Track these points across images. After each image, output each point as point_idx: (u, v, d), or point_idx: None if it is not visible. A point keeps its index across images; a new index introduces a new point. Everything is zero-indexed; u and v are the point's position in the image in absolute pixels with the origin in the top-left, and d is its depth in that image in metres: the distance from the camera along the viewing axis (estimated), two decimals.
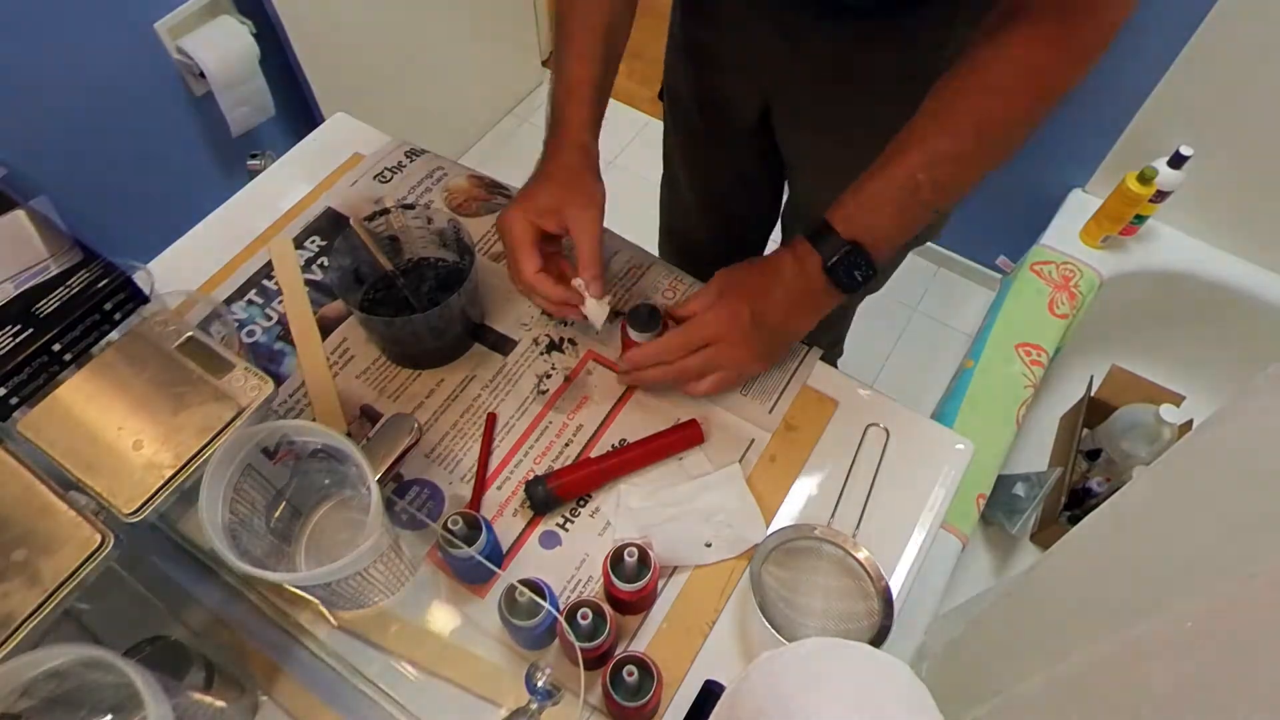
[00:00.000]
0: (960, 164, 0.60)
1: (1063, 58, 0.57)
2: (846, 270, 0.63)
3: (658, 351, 0.67)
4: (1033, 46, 0.57)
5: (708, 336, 0.65)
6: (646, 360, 0.68)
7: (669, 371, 0.67)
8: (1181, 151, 1.38)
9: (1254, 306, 1.52)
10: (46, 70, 1.19)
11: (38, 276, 0.55)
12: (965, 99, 0.59)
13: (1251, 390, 0.52)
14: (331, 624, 0.61)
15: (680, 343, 0.66)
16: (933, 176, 0.60)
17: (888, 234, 0.62)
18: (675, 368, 0.67)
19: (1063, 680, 0.63)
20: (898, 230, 0.63)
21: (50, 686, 0.45)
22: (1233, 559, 0.48)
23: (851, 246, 0.62)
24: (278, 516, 0.60)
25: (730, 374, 0.68)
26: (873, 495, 0.67)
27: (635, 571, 0.58)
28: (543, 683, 0.50)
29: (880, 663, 0.39)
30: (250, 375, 0.55)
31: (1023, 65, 0.57)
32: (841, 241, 0.62)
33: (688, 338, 0.66)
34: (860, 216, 0.62)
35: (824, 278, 0.64)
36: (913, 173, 0.60)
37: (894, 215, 0.62)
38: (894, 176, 0.60)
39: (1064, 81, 0.58)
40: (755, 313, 0.65)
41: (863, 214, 0.62)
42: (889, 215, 0.62)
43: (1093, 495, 1.49)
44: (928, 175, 0.59)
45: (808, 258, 0.64)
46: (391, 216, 0.73)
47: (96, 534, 0.47)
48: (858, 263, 0.62)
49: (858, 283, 0.63)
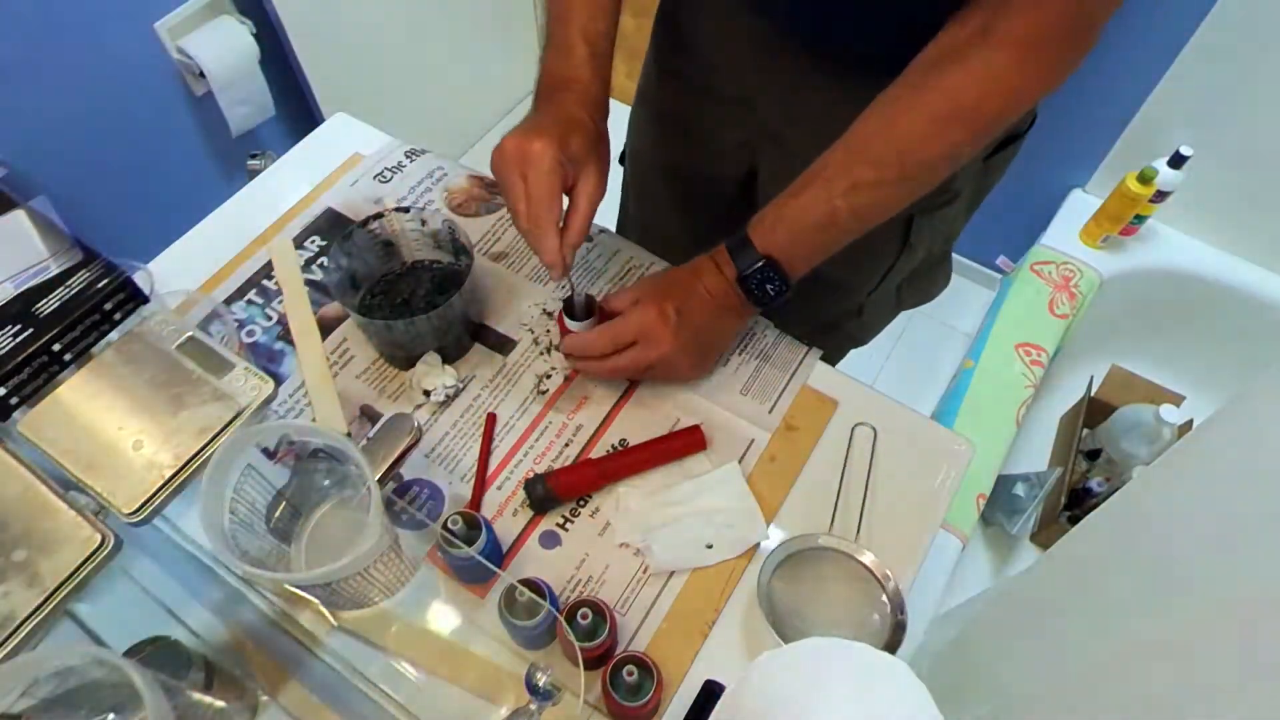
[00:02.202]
0: (880, 192, 0.60)
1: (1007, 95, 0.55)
2: (759, 284, 0.63)
3: (585, 345, 0.67)
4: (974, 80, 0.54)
5: (633, 333, 0.66)
6: (579, 350, 0.68)
7: (599, 368, 0.68)
8: (1181, 151, 1.38)
9: (1254, 306, 1.52)
10: (46, 70, 1.20)
11: (38, 276, 0.55)
12: (895, 127, 0.58)
13: (1251, 390, 0.52)
14: (331, 624, 0.61)
15: (606, 339, 0.66)
16: (851, 204, 0.60)
17: (803, 253, 0.63)
18: (607, 365, 0.67)
19: (1063, 680, 0.63)
20: (813, 251, 0.63)
21: (50, 686, 0.45)
22: (1233, 559, 0.48)
23: (766, 261, 0.62)
24: (278, 516, 0.60)
25: (660, 371, 0.69)
26: (873, 496, 0.67)
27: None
28: (543, 683, 0.50)
29: (880, 662, 0.39)
30: (250, 375, 0.55)
31: (959, 100, 0.55)
32: (758, 255, 0.63)
33: (614, 335, 0.66)
34: (778, 234, 0.62)
35: (738, 289, 0.64)
36: (832, 198, 0.60)
37: (811, 237, 0.62)
38: (815, 200, 0.60)
39: (1002, 119, 0.56)
40: (679, 310, 0.65)
41: (780, 232, 0.62)
42: (806, 237, 0.62)
43: (1093, 495, 1.49)
44: (846, 202, 0.59)
45: (725, 267, 0.65)
46: (386, 220, 0.73)
47: (96, 534, 0.48)
48: (770, 278, 0.63)
49: (770, 297, 0.64)
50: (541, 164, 0.58)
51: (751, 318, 0.68)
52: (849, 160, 0.60)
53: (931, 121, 0.56)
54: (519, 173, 0.59)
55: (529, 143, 0.59)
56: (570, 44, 0.65)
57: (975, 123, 0.56)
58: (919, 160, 0.58)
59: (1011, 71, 0.54)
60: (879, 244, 0.81)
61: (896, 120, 0.58)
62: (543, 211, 0.59)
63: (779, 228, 0.62)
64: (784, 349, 0.76)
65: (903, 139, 0.57)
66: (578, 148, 0.62)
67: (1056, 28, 0.52)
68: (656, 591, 0.63)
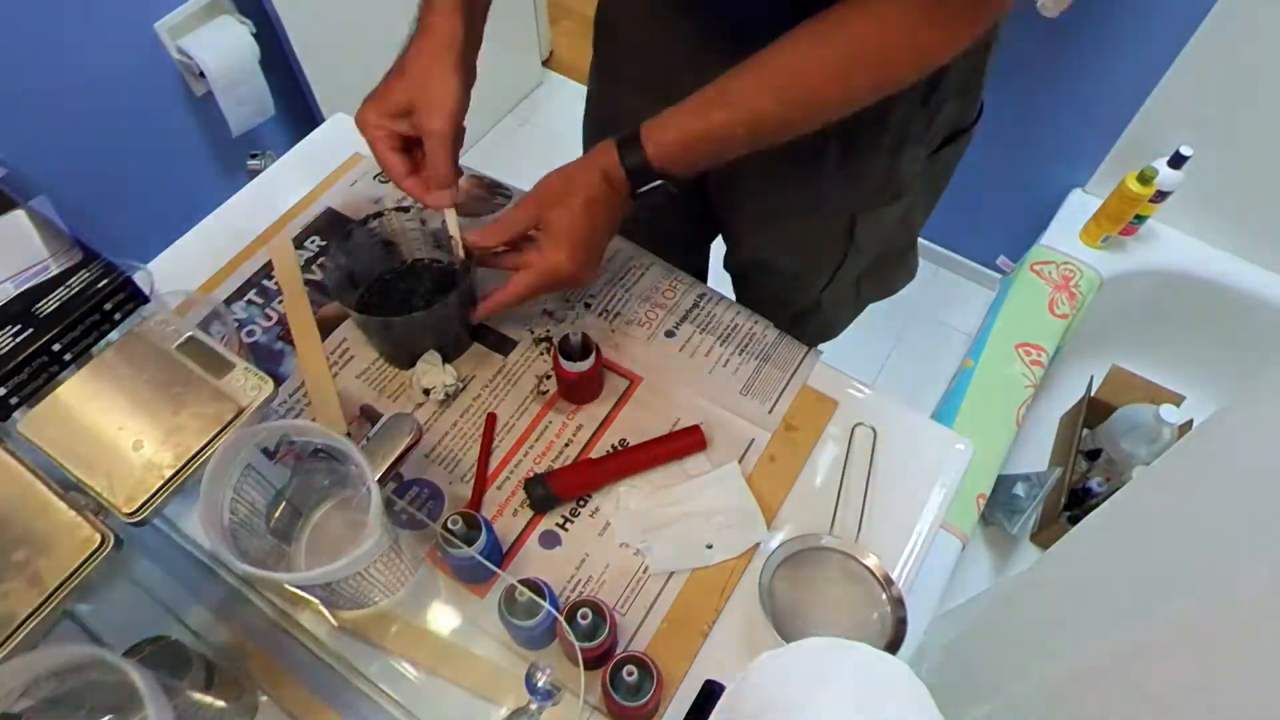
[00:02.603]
0: (782, 127, 0.61)
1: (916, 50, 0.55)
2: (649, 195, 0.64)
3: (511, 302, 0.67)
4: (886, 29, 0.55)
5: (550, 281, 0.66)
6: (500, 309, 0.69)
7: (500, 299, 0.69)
8: (1181, 151, 1.38)
9: (1254, 306, 1.52)
10: (46, 70, 1.19)
11: (38, 276, 0.55)
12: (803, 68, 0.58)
13: (1251, 390, 0.52)
14: (331, 624, 0.61)
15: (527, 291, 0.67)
16: (751, 132, 0.61)
17: (692, 167, 0.63)
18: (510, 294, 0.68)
19: (1063, 680, 0.63)
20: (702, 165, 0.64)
21: (50, 686, 0.45)
22: (1233, 559, 0.48)
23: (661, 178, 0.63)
24: (278, 516, 0.60)
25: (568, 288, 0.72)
26: (873, 495, 0.67)
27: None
28: (543, 683, 0.50)
29: (880, 662, 0.39)
30: (250, 375, 0.55)
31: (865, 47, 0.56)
32: (653, 171, 0.63)
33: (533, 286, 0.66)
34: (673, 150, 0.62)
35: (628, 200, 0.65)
36: (734, 125, 0.60)
37: (704, 156, 0.63)
38: (718, 123, 0.61)
39: (909, 74, 0.57)
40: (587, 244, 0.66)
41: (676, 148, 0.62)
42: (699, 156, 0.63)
43: (1093, 495, 1.49)
44: (746, 130, 0.60)
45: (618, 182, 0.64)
46: (386, 219, 0.73)
47: (96, 534, 0.47)
48: (659, 190, 0.64)
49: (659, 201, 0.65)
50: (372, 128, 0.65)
51: None
52: (756, 87, 0.60)
53: (839, 65, 0.57)
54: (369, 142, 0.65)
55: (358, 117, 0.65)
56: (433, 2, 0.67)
57: (879, 71, 0.57)
58: (821, 102, 0.59)
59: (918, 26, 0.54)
60: (825, 243, 0.82)
61: (808, 59, 0.58)
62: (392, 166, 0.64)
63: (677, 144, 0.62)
64: (784, 349, 0.76)
65: (811, 79, 0.58)
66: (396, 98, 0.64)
67: None
68: (656, 591, 0.63)
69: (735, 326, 0.78)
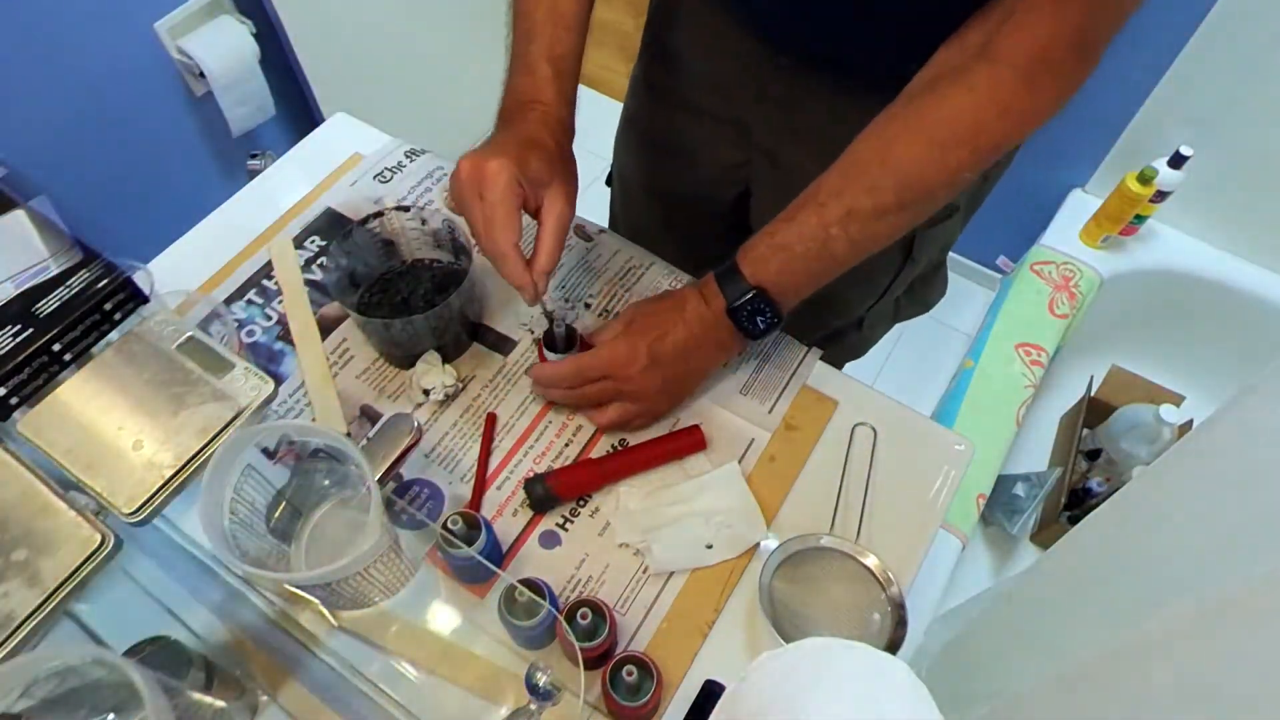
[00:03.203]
0: (878, 222, 0.57)
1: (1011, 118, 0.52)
2: (749, 316, 0.61)
3: (556, 375, 0.66)
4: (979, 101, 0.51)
5: (603, 369, 0.64)
6: (547, 380, 0.67)
7: (570, 396, 0.67)
8: (1181, 151, 1.38)
9: (1254, 306, 1.52)
10: (47, 70, 1.19)
11: (38, 276, 0.55)
12: (893, 151, 0.55)
13: (1251, 390, 0.52)
14: (331, 624, 0.61)
15: (575, 370, 0.65)
16: (847, 233, 0.57)
17: (795, 284, 0.61)
18: (576, 394, 0.67)
19: (1062, 680, 0.63)
20: (806, 281, 0.61)
21: (50, 686, 0.45)
22: (1232, 559, 0.48)
23: (757, 292, 0.60)
24: (278, 516, 0.60)
25: (632, 408, 0.67)
26: (873, 495, 0.67)
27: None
28: (543, 683, 0.50)
29: (880, 662, 0.39)
30: (250, 375, 0.55)
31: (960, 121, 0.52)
32: (747, 286, 0.60)
33: (583, 367, 0.65)
34: (769, 264, 0.60)
35: (727, 320, 0.62)
36: (827, 226, 0.57)
37: (803, 267, 0.60)
38: (807, 227, 0.58)
39: (1005, 143, 0.54)
40: (653, 351, 0.63)
41: (772, 262, 0.60)
42: (799, 266, 0.59)
43: (1093, 495, 1.49)
44: (842, 230, 0.57)
45: (713, 299, 0.62)
46: (387, 218, 0.73)
47: (96, 534, 0.47)
48: (761, 309, 0.61)
49: (760, 329, 0.62)
50: (497, 184, 0.56)
51: (741, 350, 0.66)
52: (844, 186, 0.57)
53: (930, 147, 0.54)
54: (476, 193, 0.57)
55: (485, 162, 0.56)
56: (534, 64, 0.63)
57: (976, 148, 0.54)
58: (918, 188, 0.55)
59: (1014, 93, 0.51)
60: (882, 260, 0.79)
61: (894, 145, 0.55)
62: (498, 232, 0.57)
63: (770, 257, 0.60)
64: (784, 349, 0.76)
65: (901, 166, 0.55)
66: (538, 168, 0.59)
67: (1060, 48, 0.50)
68: (656, 591, 0.63)
69: None
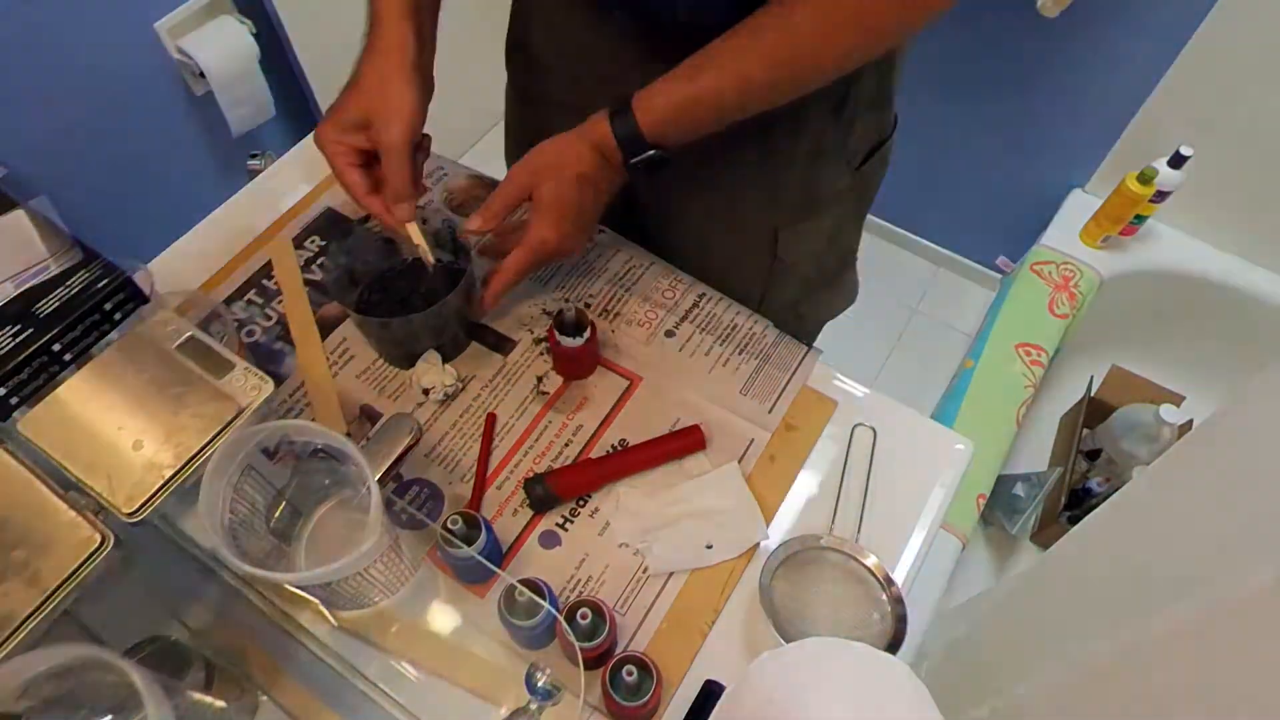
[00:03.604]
0: (770, 91, 0.60)
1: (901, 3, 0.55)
2: (645, 166, 0.63)
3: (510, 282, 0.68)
4: None
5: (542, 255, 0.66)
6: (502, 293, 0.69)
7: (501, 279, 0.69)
8: (1181, 151, 1.38)
9: (1254, 306, 1.52)
10: (46, 70, 1.19)
11: (38, 276, 0.55)
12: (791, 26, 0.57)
13: (1251, 390, 0.52)
14: (331, 624, 0.61)
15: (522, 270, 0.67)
16: (741, 97, 0.60)
17: (684, 138, 0.63)
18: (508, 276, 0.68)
19: (1063, 680, 0.63)
20: (694, 135, 0.63)
21: (50, 686, 0.45)
22: (1232, 559, 0.48)
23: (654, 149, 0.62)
24: (278, 516, 0.60)
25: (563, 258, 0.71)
26: (873, 495, 0.67)
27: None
28: (543, 683, 0.50)
29: (880, 662, 0.39)
30: (250, 375, 0.55)
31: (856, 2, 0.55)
32: (645, 144, 0.62)
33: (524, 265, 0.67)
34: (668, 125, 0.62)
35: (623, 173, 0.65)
36: (723, 90, 0.60)
37: (694, 126, 0.62)
38: (706, 90, 0.60)
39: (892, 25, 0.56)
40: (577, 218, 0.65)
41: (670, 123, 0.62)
42: (689, 126, 0.62)
43: (1093, 495, 1.49)
44: (736, 96, 0.60)
45: (611, 154, 0.63)
46: None
47: (96, 534, 0.47)
48: (654, 161, 0.63)
49: (653, 175, 0.64)
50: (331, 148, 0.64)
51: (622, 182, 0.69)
52: (744, 52, 0.59)
53: (828, 23, 0.56)
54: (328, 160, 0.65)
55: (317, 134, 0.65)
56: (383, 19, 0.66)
57: (869, 29, 0.56)
58: (812, 63, 0.59)
59: None
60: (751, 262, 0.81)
61: (794, 18, 0.57)
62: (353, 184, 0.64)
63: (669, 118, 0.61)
64: (784, 349, 0.76)
65: (799, 40, 0.58)
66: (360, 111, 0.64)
67: None
68: (656, 591, 0.63)
69: (735, 326, 0.78)
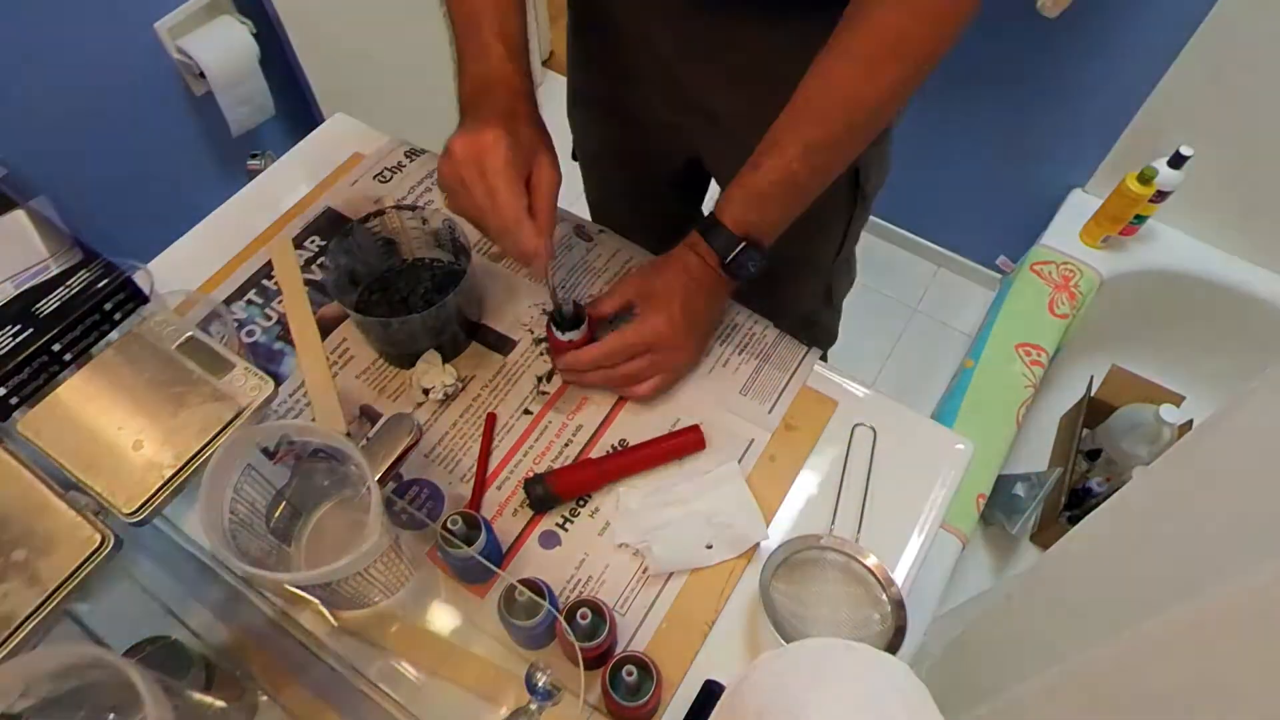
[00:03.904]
0: (833, 149, 0.62)
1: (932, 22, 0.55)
2: (740, 264, 0.66)
3: (599, 357, 0.67)
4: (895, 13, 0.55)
5: (648, 343, 0.67)
6: (586, 364, 0.68)
7: (610, 377, 0.69)
8: (1181, 151, 1.38)
9: (1254, 306, 1.52)
10: (46, 70, 1.19)
11: (38, 276, 0.55)
12: (831, 82, 0.59)
13: (1251, 390, 0.52)
14: (331, 624, 0.61)
15: (620, 349, 0.67)
16: (809, 165, 0.62)
17: (773, 222, 0.66)
18: (618, 373, 0.68)
19: (1063, 680, 0.63)
20: (782, 217, 0.66)
21: (50, 686, 0.45)
22: (1232, 559, 0.48)
23: (744, 242, 0.65)
24: (278, 516, 0.60)
25: (669, 376, 0.71)
26: (873, 495, 0.67)
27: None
28: (543, 683, 0.50)
29: (880, 662, 0.39)
30: (250, 375, 0.55)
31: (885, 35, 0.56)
32: (735, 239, 0.65)
33: (628, 344, 0.67)
34: (747, 213, 0.65)
35: (722, 272, 0.67)
36: (789, 165, 0.62)
37: (777, 206, 0.65)
38: (772, 171, 0.62)
39: (928, 47, 0.57)
40: (687, 313, 0.68)
41: (750, 211, 0.65)
42: (772, 207, 0.65)
43: (1093, 495, 1.49)
44: (804, 165, 0.62)
45: (707, 255, 0.67)
46: (387, 217, 0.73)
47: (96, 534, 0.48)
48: (751, 255, 0.66)
49: (751, 273, 0.67)
50: (497, 153, 0.55)
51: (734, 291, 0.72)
52: (796, 123, 0.61)
53: (865, 64, 0.57)
54: (475, 169, 0.56)
55: (479, 136, 0.55)
56: (486, 47, 0.63)
57: (906, 57, 0.57)
58: (862, 107, 0.59)
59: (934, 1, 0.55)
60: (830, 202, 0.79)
61: (831, 71, 0.59)
62: (506, 201, 0.55)
63: (747, 207, 0.65)
64: (784, 349, 0.76)
65: (841, 89, 0.59)
66: (527, 134, 0.59)
67: None
68: (656, 591, 0.63)
69: (735, 326, 0.78)
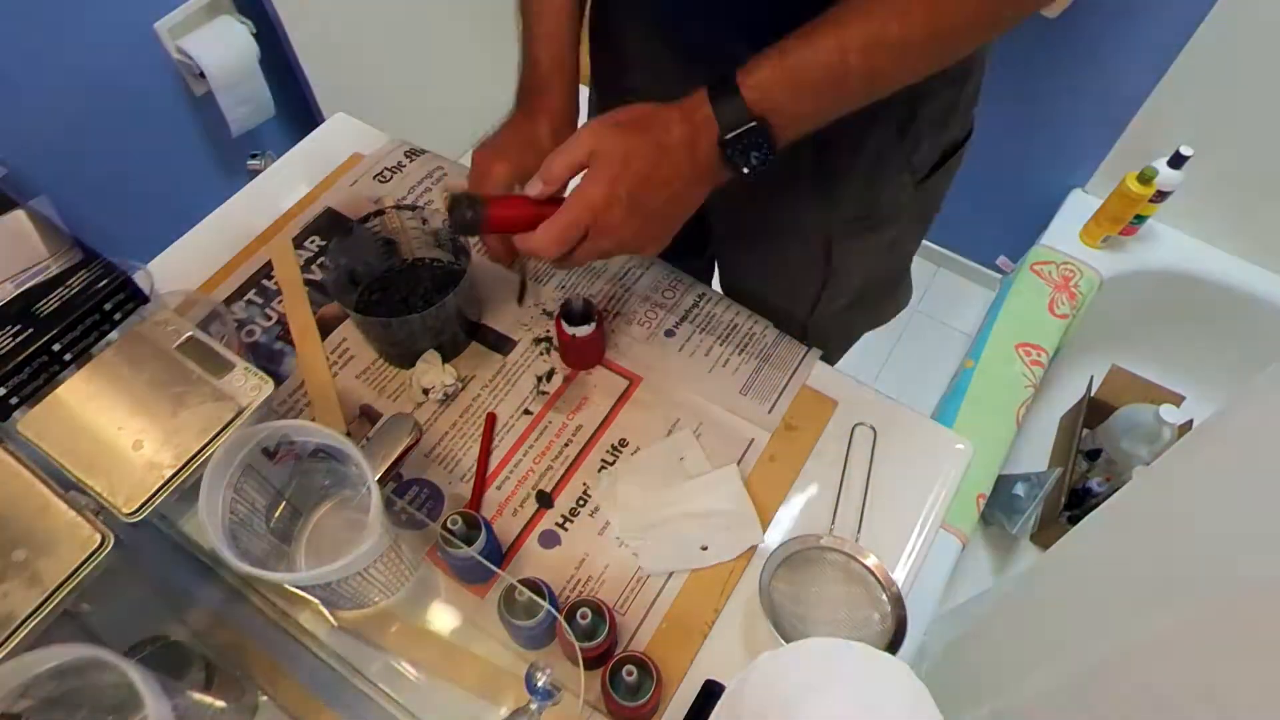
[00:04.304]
0: (903, 55, 0.50)
1: None
2: (743, 150, 0.52)
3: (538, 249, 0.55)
4: None
5: (584, 224, 0.54)
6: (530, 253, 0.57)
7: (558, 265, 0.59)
8: (1181, 151, 1.38)
9: (1254, 306, 1.52)
10: (47, 70, 1.19)
11: (38, 276, 0.55)
12: None
13: (1251, 390, 0.52)
14: (331, 624, 0.61)
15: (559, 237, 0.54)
16: (869, 63, 0.50)
17: (798, 117, 0.52)
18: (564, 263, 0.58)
19: (1063, 680, 0.63)
20: (810, 115, 0.53)
21: (50, 686, 0.45)
22: (1232, 559, 0.48)
23: (757, 123, 0.51)
24: (278, 516, 0.60)
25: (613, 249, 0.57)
26: (873, 495, 0.67)
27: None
28: (543, 682, 0.50)
29: (880, 662, 0.39)
30: (250, 375, 0.55)
31: None
32: (747, 115, 0.51)
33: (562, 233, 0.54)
34: (775, 90, 0.51)
35: (717, 153, 0.53)
36: (846, 52, 0.49)
37: (811, 98, 0.51)
38: (823, 50, 0.50)
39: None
40: (633, 198, 0.53)
41: (778, 88, 0.51)
42: (806, 97, 0.51)
43: (1093, 495, 1.49)
44: (862, 60, 0.49)
45: (703, 126, 0.52)
46: (387, 217, 0.73)
47: (96, 534, 0.47)
48: (758, 143, 0.52)
49: (752, 165, 0.53)
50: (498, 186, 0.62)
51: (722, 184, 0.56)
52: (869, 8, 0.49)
53: None
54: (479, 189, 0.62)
55: (491, 164, 0.63)
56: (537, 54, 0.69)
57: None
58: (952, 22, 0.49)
59: None
60: (802, 270, 0.80)
61: None
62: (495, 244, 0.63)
63: (777, 82, 0.51)
64: (784, 349, 0.76)
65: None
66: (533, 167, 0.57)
67: None
68: (656, 591, 0.63)
69: (735, 326, 0.78)
